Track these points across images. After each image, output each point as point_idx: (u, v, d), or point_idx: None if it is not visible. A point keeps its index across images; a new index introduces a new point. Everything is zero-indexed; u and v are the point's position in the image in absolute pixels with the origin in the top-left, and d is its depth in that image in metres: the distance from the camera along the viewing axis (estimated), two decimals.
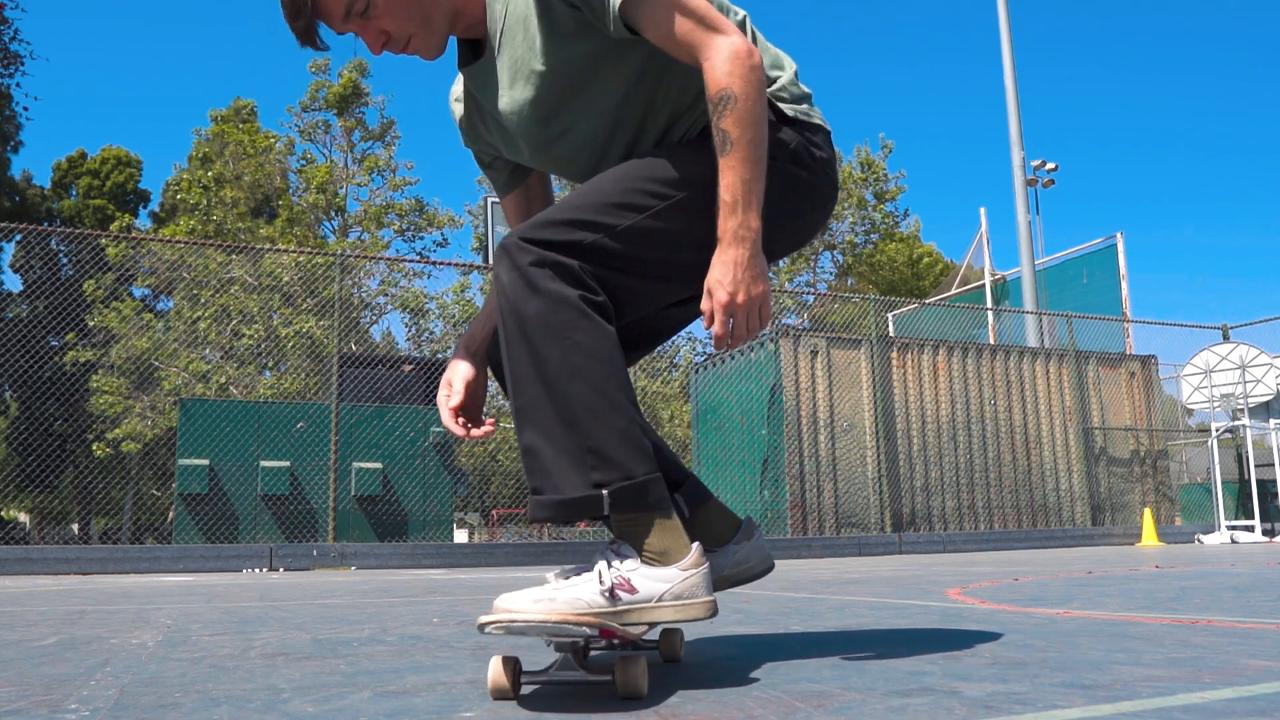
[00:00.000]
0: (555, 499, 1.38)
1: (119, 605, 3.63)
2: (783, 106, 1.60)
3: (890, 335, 13.70)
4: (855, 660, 1.65)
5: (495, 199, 9.72)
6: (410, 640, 2.16)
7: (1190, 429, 15.91)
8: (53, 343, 22.94)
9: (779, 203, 1.57)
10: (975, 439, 11.64)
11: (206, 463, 8.93)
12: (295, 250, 10.05)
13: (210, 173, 25.65)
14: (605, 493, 1.37)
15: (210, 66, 69.29)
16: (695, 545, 1.42)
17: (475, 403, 1.70)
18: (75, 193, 34.77)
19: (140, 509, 26.61)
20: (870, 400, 11.08)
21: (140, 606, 3.54)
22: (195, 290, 20.63)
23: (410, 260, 13.59)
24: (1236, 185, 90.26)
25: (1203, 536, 11.74)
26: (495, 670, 1.33)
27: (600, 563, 1.39)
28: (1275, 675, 1.40)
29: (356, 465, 9.31)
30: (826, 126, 1.65)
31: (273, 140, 26.57)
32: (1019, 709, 1.18)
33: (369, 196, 26.50)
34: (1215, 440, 12.46)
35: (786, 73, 1.64)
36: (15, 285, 31.16)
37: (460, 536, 24.19)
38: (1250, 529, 12.03)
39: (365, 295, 22.49)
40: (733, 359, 11.98)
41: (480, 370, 1.70)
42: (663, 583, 1.38)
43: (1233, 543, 11.11)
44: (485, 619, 1.31)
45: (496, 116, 1.64)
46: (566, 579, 1.38)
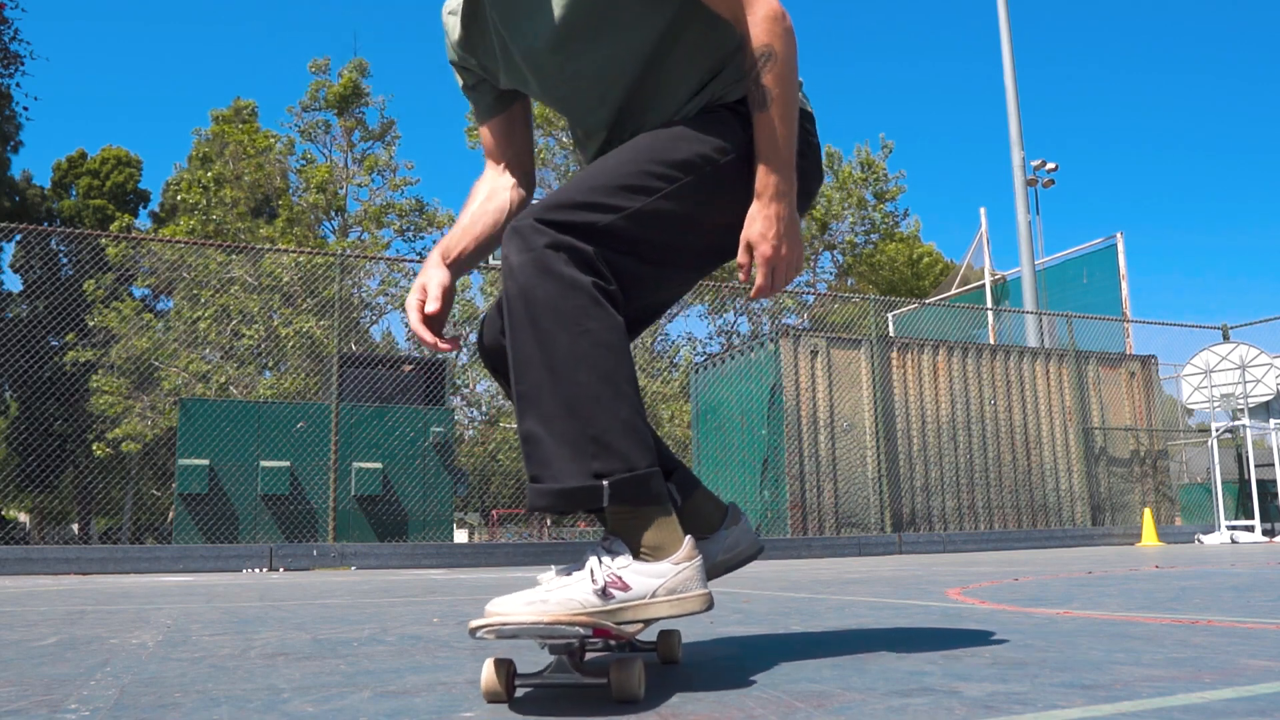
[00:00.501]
0: (554, 488, 1.36)
1: (119, 605, 3.63)
2: None
3: (890, 335, 13.70)
4: (855, 660, 1.65)
5: None
6: (410, 640, 2.16)
7: (1190, 429, 15.91)
8: (53, 343, 22.94)
9: None
10: (975, 439, 11.64)
11: (206, 463, 8.93)
12: (295, 250, 10.05)
13: (210, 173, 25.66)
14: (606, 483, 1.34)
15: (210, 66, 69.35)
16: (688, 539, 1.40)
17: (445, 314, 1.64)
18: (75, 193, 34.77)
19: (140, 509, 26.61)
20: (870, 400, 11.08)
21: (140, 606, 3.54)
22: (195, 290, 20.64)
23: (410, 260, 13.59)
24: (1236, 185, 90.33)
25: (1203, 536, 11.73)
26: (488, 673, 1.31)
27: (591, 560, 1.36)
28: (1275, 675, 1.40)
29: (356, 465, 9.31)
30: (813, 113, 1.66)
31: (273, 140, 26.58)
32: (1019, 709, 1.18)
33: (369, 196, 26.52)
34: (1215, 440, 12.46)
35: None
36: (15, 285, 31.18)
37: (460, 536, 24.20)
38: (1250, 529, 12.03)
39: (365, 295, 22.50)
40: (732, 359, 11.98)
41: (453, 282, 1.65)
42: (656, 578, 1.36)
43: (1233, 543, 11.11)
44: (476, 623, 1.27)
45: (505, 35, 1.59)
46: (559, 579, 1.35)
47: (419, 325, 1.58)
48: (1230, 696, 1.24)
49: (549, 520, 24.02)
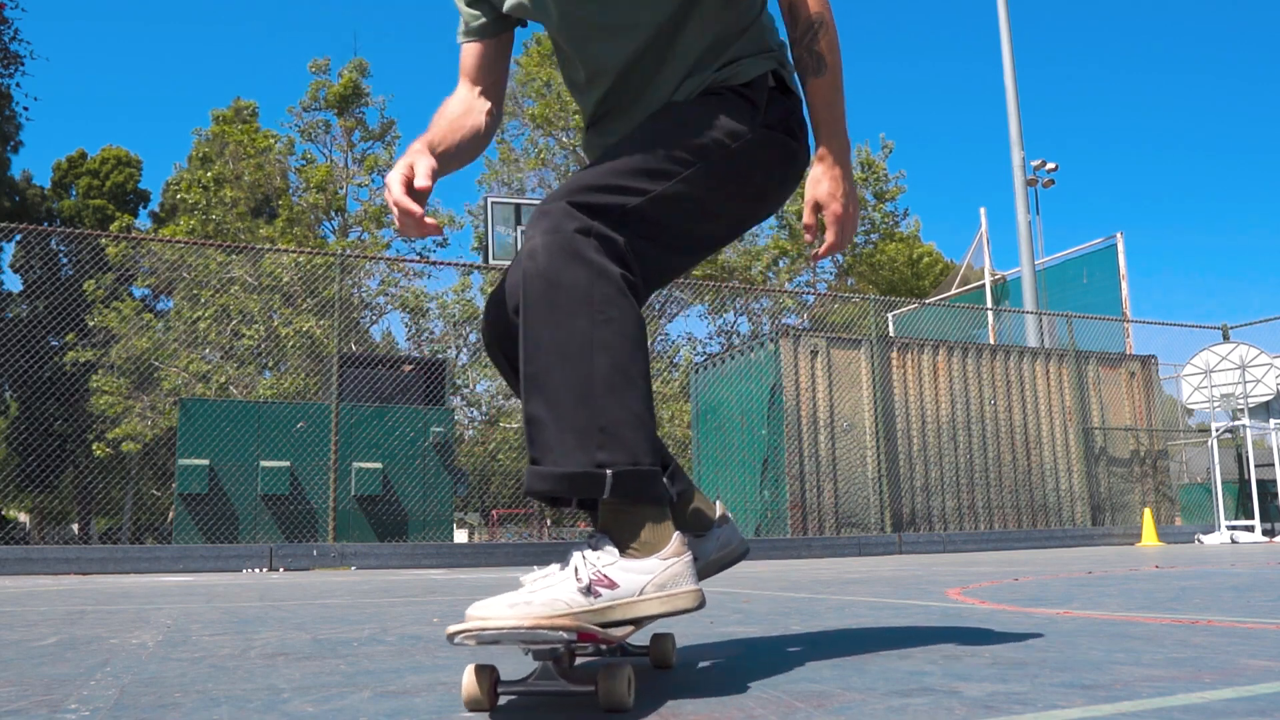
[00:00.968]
0: (555, 471, 1.31)
1: (119, 605, 3.63)
2: (784, 74, 1.60)
3: (890, 335, 13.70)
4: (855, 660, 1.65)
5: (495, 199, 9.68)
6: (410, 640, 2.16)
7: (1190, 429, 15.91)
8: (53, 343, 22.94)
9: (774, 168, 1.57)
10: (975, 439, 11.64)
11: (206, 463, 8.93)
12: (295, 250, 10.05)
13: (210, 173, 25.65)
14: (609, 473, 1.30)
15: (210, 66, 69.33)
16: (676, 534, 1.36)
17: (424, 195, 1.54)
18: (75, 193, 34.76)
19: (140, 509, 26.61)
20: (870, 400, 11.08)
21: (140, 606, 3.54)
22: (195, 290, 20.64)
23: (410, 260, 13.59)
24: (1237, 185, 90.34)
25: (1203, 536, 11.73)
26: (468, 680, 1.24)
27: (576, 556, 1.30)
28: (1275, 675, 1.40)
29: (356, 465, 9.31)
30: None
31: (273, 140, 26.59)
32: (1019, 709, 1.18)
33: (369, 196, 26.52)
34: (1215, 440, 12.46)
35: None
36: (15, 285, 31.18)
37: (460, 536, 24.18)
38: (1250, 529, 12.03)
39: (365, 295, 22.50)
40: (732, 359, 11.98)
41: (437, 171, 1.57)
42: (644, 574, 1.30)
43: (1233, 543, 11.11)
44: (454, 629, 1.20)
45: None
46: (543, 579, 1.30)
47: (403, 196, 1.46)
48: (1230, 696, 1.24)
49: (549, 520, 24.02)
